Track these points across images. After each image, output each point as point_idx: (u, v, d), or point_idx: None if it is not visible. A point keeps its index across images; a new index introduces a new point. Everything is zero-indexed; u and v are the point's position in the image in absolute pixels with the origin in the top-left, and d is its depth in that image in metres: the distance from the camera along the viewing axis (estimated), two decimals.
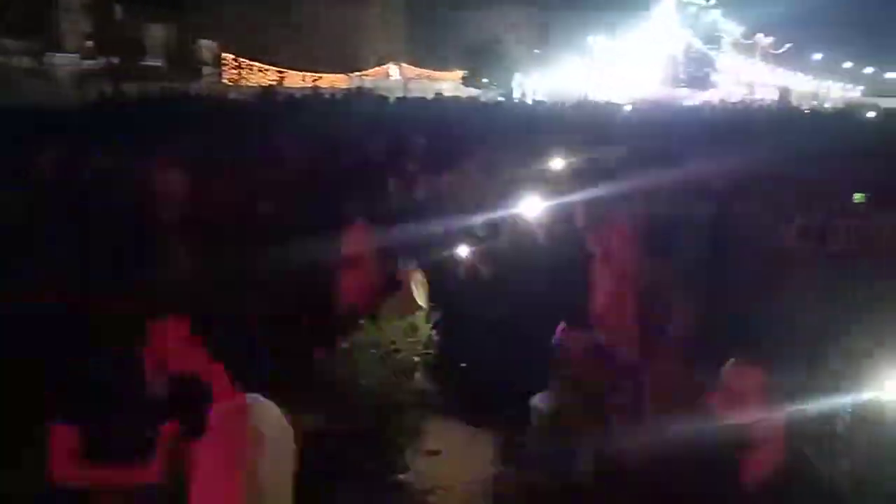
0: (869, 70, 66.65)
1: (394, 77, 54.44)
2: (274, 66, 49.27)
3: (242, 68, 48.58)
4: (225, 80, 46.20)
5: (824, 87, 60.11)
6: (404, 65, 56.91)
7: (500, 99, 34.55)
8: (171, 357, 2.45)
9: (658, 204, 6.31)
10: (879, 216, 5.62)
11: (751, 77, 59.36)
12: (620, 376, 5.27)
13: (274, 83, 41.18)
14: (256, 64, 48.84)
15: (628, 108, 24.70)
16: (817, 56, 64.22)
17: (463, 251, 5.80)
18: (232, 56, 48.67)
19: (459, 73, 52.25)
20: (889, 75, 66.79)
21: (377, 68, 56.12)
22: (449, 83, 50.07)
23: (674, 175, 7.36)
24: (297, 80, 47.08)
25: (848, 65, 65.48)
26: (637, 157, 8.96)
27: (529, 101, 31.06)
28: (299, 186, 7.76)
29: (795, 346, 4.19)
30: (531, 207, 5.85)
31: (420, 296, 6.06)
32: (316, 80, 46.06)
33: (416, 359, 4.85)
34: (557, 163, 8.35)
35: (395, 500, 4.15)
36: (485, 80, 47.51)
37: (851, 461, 2.82)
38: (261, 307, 7.29)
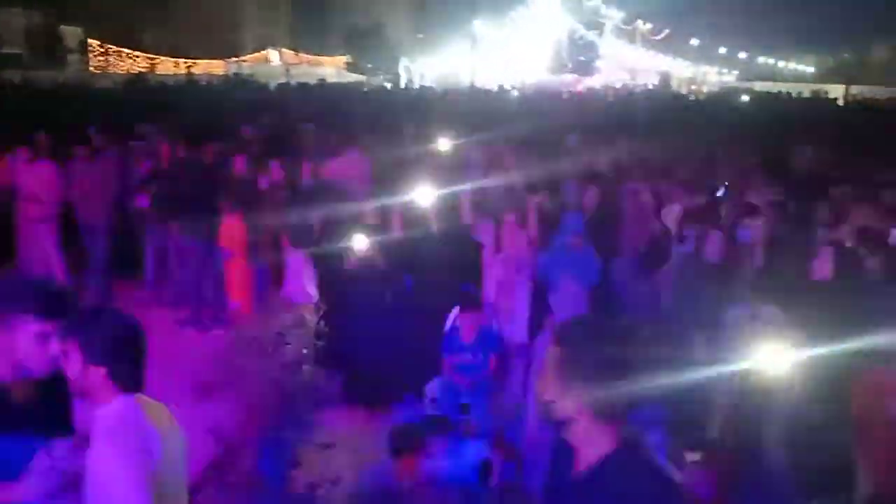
0: (743, 55, 70.50)
1: (274, 62, 53.08)
2: (145, 52, 47.11)
3: (110, 55, 46.13)
4: (91, 68, 43.76)
5: (702, 72, 63.00)
6: (284, 50, 55.59)
7: (386, 85, 34.33)
8: (29, 358, 2.23)
9: (545, 190, 6.42)
10: (758, 196, 5.89)
11: (633, 63, 61.38)
12: (510, 357, 5.36)
13: (145, 70, 39.34)
14: (126, 50, 46.51)
15: (515, 94, 24.91)
16: (694, 42, 67.28)
17: (353, 239, 5.66)
18: (98, 42, 46.18)
19: (342, 59, 51.55)
20: (761, 59, 71.04)
21: (256, 54, 54.64)
22: (332, 68, 49.31)
23: (560, 161, 7.52)
24: (169, 66, 45.17)
25: (723, 50, 68.97)
26: (525, 144, 9.09)
27: (416, 87, 30.94)
28: (173, 177, 7.47)
29: (676, 322, 4.35)
30: (423, 196, 5.79)
31: (310, 285, 5.94)
32: (190, 66, 44.26)
33: (305, 350, 4.74)
34: (447, 150, 8.34)
35: (282, 496, 4.03)
36: (369, 66, 47.05)
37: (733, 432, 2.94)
38: (138, 302, 6.99)
